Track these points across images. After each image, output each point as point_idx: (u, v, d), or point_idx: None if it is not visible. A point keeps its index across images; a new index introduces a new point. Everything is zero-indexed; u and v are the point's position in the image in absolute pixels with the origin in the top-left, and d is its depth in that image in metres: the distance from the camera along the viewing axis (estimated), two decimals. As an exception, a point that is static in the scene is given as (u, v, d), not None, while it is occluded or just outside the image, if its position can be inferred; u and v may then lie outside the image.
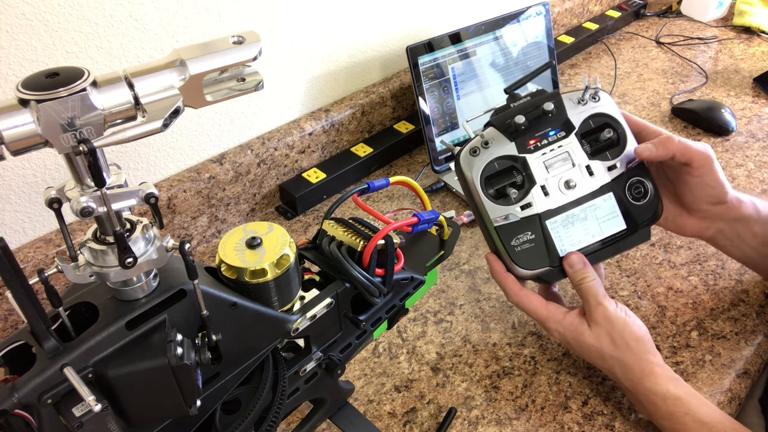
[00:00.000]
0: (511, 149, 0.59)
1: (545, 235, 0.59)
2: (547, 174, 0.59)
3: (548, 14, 1.00)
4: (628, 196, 0.61)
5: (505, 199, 0.58)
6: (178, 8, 0.69)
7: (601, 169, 0.60)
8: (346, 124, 0.93)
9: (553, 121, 0.60)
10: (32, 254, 0.67)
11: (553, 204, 0.59)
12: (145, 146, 0.74)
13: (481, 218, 0.60)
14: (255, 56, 0.35)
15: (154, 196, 0.33)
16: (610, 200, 0.60)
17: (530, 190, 0.59)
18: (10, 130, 0.29)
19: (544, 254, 0.59)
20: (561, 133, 0.60)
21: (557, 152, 0.59)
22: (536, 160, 0.59)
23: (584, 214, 0.60)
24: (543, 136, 0.59)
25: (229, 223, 0.85)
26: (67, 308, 0.36)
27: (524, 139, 0.59)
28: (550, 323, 0.59)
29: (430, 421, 0.60)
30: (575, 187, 0.59)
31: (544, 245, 0.59)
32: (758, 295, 0.71)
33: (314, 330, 0.47)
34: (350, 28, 0.89)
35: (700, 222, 0.63)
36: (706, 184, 0.60)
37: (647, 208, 0.61)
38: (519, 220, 0.58)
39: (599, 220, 0.60)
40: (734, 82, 1.14)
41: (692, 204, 0.62)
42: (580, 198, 0.60)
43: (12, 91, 0.29)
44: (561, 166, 0.59)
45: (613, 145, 0.61)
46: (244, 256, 0.41)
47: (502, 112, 0.61)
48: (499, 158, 0.59)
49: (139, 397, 0.36)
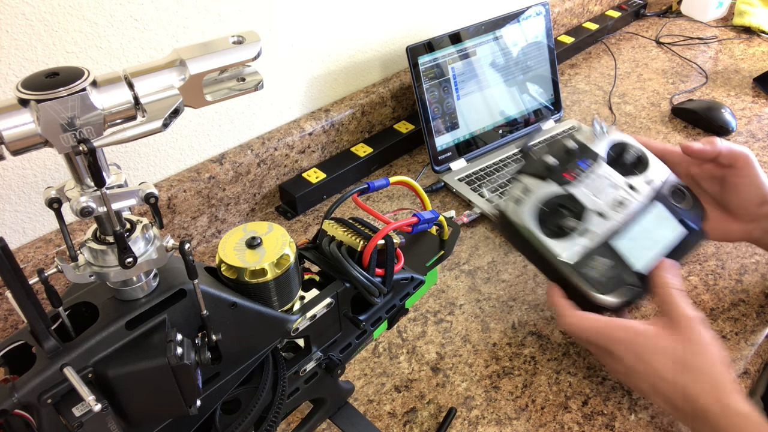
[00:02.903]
0: (553, 187, 0.59)
1: (619, 256, 0.57)
2: (596, 199, 0.59)
3: (548, 14, 1.00)
4: (674, 202, 0.62)
5: (567, 234, 0.57)
6: (178, 8, 0.69)
7: (642, 184, 0.61)
8: (346, 124, 0.93)
9: (578, 155, 0.61)
10: (32, 254, 0.67)
11: (613, 225, 0.58)
12: (145, 146, 0.74)
13: (547, 263, 0.58)
14: (255, 56, 0.35)
15: (154, 196, 0.33)
16: (661, 209, 0.61)
17: (587, 218, 0.58)
18: (10, 129, 0.29)
19: (625, 275, 0.57)
20: (591, 162, 0.61)
21: (596, 178, 0.60)
22: (581, 190, 0.59)
23: (644, 228, 0.60)
24: (578, 168, 0.60)
25: (229, 223, 0.85)
26: (67, 308, 0.36)
27: (559, 175, 0.59)
28: (617, 332, 0.53)
29: (430, 421, 0.60)
30: (626, 205, 0.59)
31: (621, 267, 0.57)
32: (758, 295, 0.71)
33: (314, 330, 0.47)
34: (350, 28, 0.89)
35: (747, 225, 0.63)
36: (753, 185, 0.60)
37: (695, 208, 0.62)
38: (589, 250, 0.57)
39: (660, 230, 0.60)
40: (734, 82, 1.14)
41: (738, 208, 0.62)
42: (635, 213, 0.60)
43: (12, 91, 0.29)
44: (605, 190, 0.60)
45: (639, 164, 0.63)
46: (244, 256, 0.41)
47: (526, 158, 0.61)
48: (546, 199, 0.58)
49: (139, 397, 0.36)
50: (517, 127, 1.00)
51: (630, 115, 1.07)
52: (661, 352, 0.51)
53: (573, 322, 0.55)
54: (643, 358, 0.52)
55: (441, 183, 0.91)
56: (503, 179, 0.90)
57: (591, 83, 1.17)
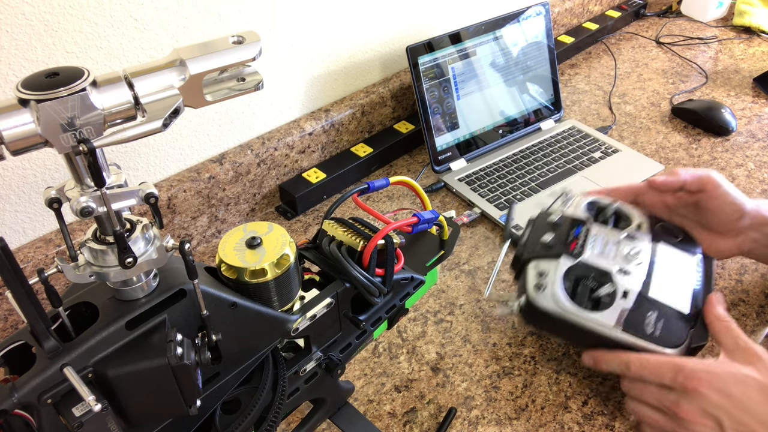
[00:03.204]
0: (567, 262, 0.58)
1: (661, 304, 0.57)
2: (610, 260, 0.58)
3: (548, 14, 1.00)
4: (670, 238, 0.63)
5: (605, 303, 0.56)
6: (178, 8, 0.69)
7: (636, 232, 0.61)
8: (346, 124, 0.93)
9: (566, 224, 0.61)
10: (32, 254, 0.67)
11: (640, 277, 0.58)
12: (145, 146, 0.74)
13: (594, 337, 0.56)
14: (255, 56, 0.35)
15: (154, 196, 0.33)
16: (667, 247, 0.62)
17: (614, 280, 0.57)
18: (10, 129, 0.29)
19: (678, 320, 0.56)
20: (583, 227, 0.61)
21: (598, 241, 0.60)
22: (593, 257, 0.58)
23: (665, 270, 0.59)
24: (575, 238, 0.60)
25: (229, 223, 0.85)
26: (67, 308, 0.36)
27: (566, 248, 0.59)
28: (698, 364, 0.51)
29: (430, 421, 0.60)
30: (638, 255, 0.59)
31: (669, 313, 0.57)
32: (758, 295, 0.71)
33: (314, 330, 0.47)
34: (350, 28, 0.89)
35: (734, 239, 0.64)
36: (726, 203, 0.62)
37: (688, 238, 0.64)
38: (632, 307, 0.56)
39: (677, 267, 0.60)
40: (734, 82, 1.14)
41: (720, 226, 0.63)
42: (651, 260, 0.59)
43: (12, 91, 0.29)
44: (612, 248, 0.60)
45: (621, 216, 0.64)
46: (244, 256, 0.41)
47: (522, 250, 0.61)
48: (566, 277, 0.57)
49: (139, 397, 0.36)
50: (517, 127, 1.00)
51: (630, 115, 1.07)
52: (750, 384, 0.50)
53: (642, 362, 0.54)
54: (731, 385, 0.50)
55: (441, 183, 0.91)
56: (503, 187, 0.91)
57: (591, 83, 1.17)
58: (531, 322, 0.59)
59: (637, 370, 0.53)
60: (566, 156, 0.95)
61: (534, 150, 0.97)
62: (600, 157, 0.95)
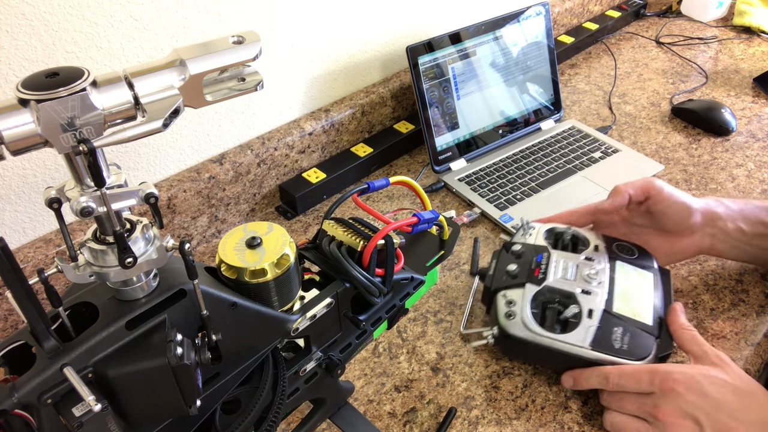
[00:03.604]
0: (532, 288, 0.62)
1: (626, 318, 0.59)
2: (572, 282, 0.62)
3: (548, 14, 1.00)
4: (626, 256, 0.66)
5: (572, 324, 0.59)
6: (178, 8, 0.69)
7: (593, 254, 0.66)
8: (346, 124, 0.93)
9: (529, 253, 0.66)
10: (32, 254, 0.67)
11: (602, 296, 0.61)
12: (145, 146, 0.74)
13: (567, 358, 0.58)
14: (255, 56, 0.35)
15: (154, 196, 0.33)
16: (624, 265, 0.65)
17: (578, 300, 0.60)
18: (10, 130, 0.29)
19: (643, 333, 0.58)
20: (545, 254, 0.66)
21: (559, 266, 0.64)
22: (556, 281, 0.62)
23: (624, 286, 0.62)
24: (538, 265, 0.64)
25: (229, 223, 0.85)
26: (67, 308, 0.36)
27: (530, 275, 0.63)
28: (673, 367, 0.53)
29: (430, 421, 0.60)
30: (597, 274, 0.63)
31: (634, 327, 0.59)
32: (758, 295, 0.71)
33: (314, 330, 0.47)
34: (350, 28, 0.89)
35: (691, 238, 0.67)
36: (673, 204, 0.65)
37: (643, 254, 0.67)
38: (599, 325, 0.58)
39: (635, 282, 0.63)
40: (734, 82, 1.14)
41: (674, 227, 0.67)
42: (610, 279, 0.63)
43: (12, 91, 0.29)
44: (572, 271, 0.64)
45: (577, 240, 0.68)
46: (244, 256, 0.41)
47: (490, 281, 0.65)
48: (533, 303, 0.60)
49: (139, 397, 0.36)
50: (517, 127, 1.00)
51: (630, 115, 1.06)
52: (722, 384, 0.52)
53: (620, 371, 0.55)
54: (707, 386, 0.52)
55: (441, 183, 0.91)
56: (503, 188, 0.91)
57: (591, 83, 1.17)
58: (506, 351, 0.63)
59: (616, 380, 0.55)
60: (566, 156, 0.95)
61: (534, 150, 0.97)
62: (600, 157, 0.95)
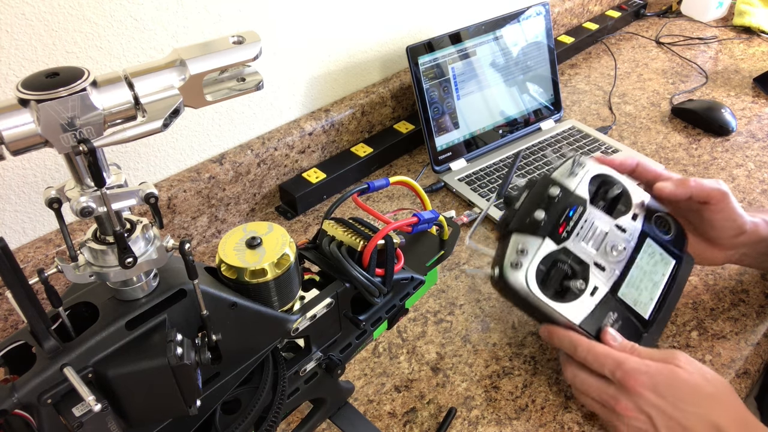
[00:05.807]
0: (549, 245, 0.57)
1: (625, 306, 0.58)
2: (592, 250, 0.58)
3: (548, 14, 1.00)
4: (660, 234, 0.62)
5: (572, 294, 0.56)
6: (178, 8, 0.69)
7: (628, 223, 0.60)
8: (346, 124, 0.93)
9: (564, 201, 0.58)
10: (32, 254, 0.67)
11: (613, 275, 0.58)
12: (145, 146, 0.74)
13: (554, 322, 0.57)
14: (255, 56, 0.35)
15: (154, 196, 0.33)
16: (652, 245, 0.61)
17: (588, 273, 0.57)
18: (10, 130, 0.29)
19: (634, 324, 0.57)
20: (579, 208, 0.59)
21: (587, 227, 0.58)
22: (576, 244, 0.57)
23: (641, 270, 0.59)
24: (567, 219, 0.58)
25: (229, 223, 0.85)
26: (67, 308, 0.36)
27: (553, 230, 0.57)
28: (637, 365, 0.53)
29: (430, 421, 0.60)
30: (621, 249, 0.58)
31: (630, 317, 0.57)
32: (758, 295, 0.71)
33: (314, 330, 0.47)
34: (350, 28, 0.89)
35: (727, 251, 0.65)
36: (729, 219, 0.62)
37: (679, 235, 0.63)
38: (596, 306, 0.56)
39: (655, 267, 0.60)
40: (734, 82, 1.14)
41: (717, 239, 0.64)
42: (630, 257, 0.59)
43: (12, 91, 0.29)
44: (597, 237, 0.58)
45: (621, 198, 0.61)
46: (244, 256, 0.41)
47: (512, 216, 0.59)
48: (544, 260, 0.56)
49: (139, 397, 0.36)
50: (517, 127, 1.00)
51: (630, 115, 1.06)
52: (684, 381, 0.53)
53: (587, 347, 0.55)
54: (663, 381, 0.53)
55: (441, 183, 0.91)
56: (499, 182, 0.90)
57: (591, 83, 1.17)
58: (501, 292, 0.59)
59: (583, 354, 0.56)
60: (566, 156, 0.95)
61: (534, 150, 0.97)
62: (600, 157, 0.95)
